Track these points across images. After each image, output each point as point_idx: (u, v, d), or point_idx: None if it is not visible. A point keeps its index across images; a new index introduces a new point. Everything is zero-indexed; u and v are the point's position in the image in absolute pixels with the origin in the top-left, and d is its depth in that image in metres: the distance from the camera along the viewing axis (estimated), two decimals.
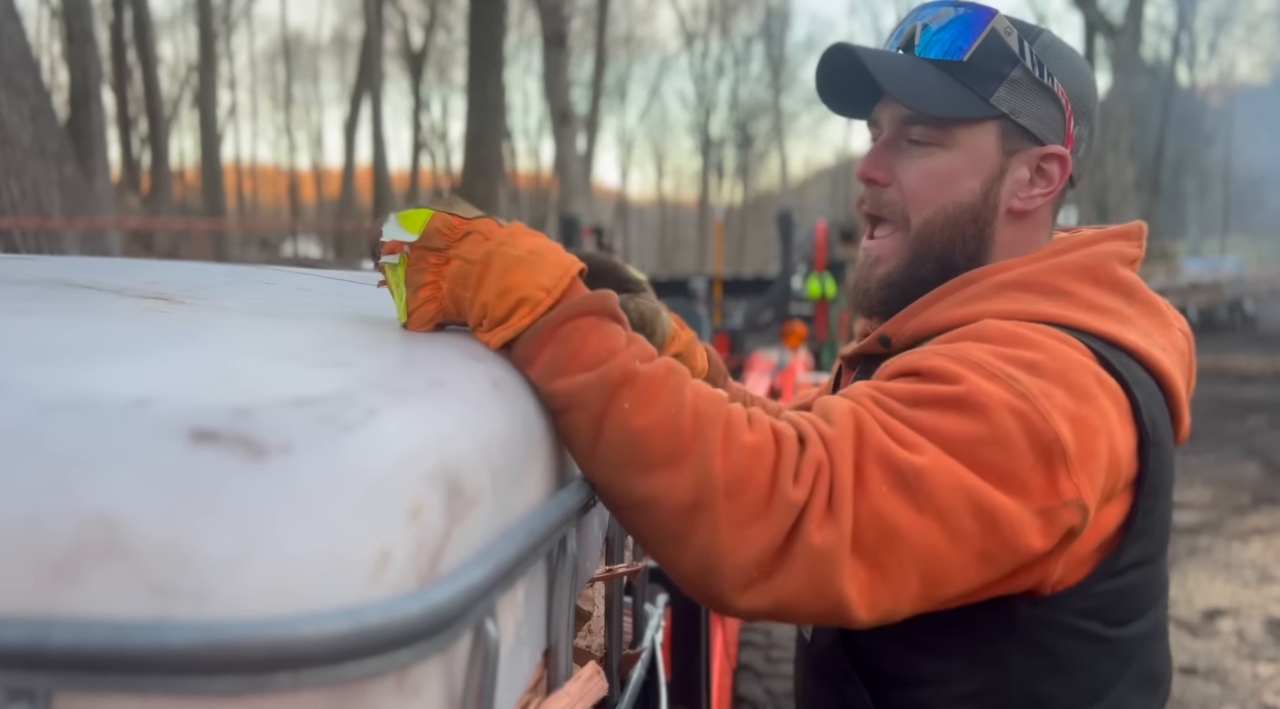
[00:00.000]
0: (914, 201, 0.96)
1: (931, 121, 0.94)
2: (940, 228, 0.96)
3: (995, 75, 0.92)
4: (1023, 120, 0.93)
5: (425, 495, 0.45)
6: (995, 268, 0.94)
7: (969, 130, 0.94)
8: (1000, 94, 0.93)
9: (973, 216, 0.95)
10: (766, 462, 0.70)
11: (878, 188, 0.98)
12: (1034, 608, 0.84)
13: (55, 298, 0.75)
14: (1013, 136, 0.94)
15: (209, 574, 0.37)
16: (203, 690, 0.37)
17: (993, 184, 0.95)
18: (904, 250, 0.97)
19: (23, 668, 0.35)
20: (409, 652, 0.41)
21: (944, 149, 0.94)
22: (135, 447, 0.39)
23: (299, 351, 0.59)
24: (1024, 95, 0.93)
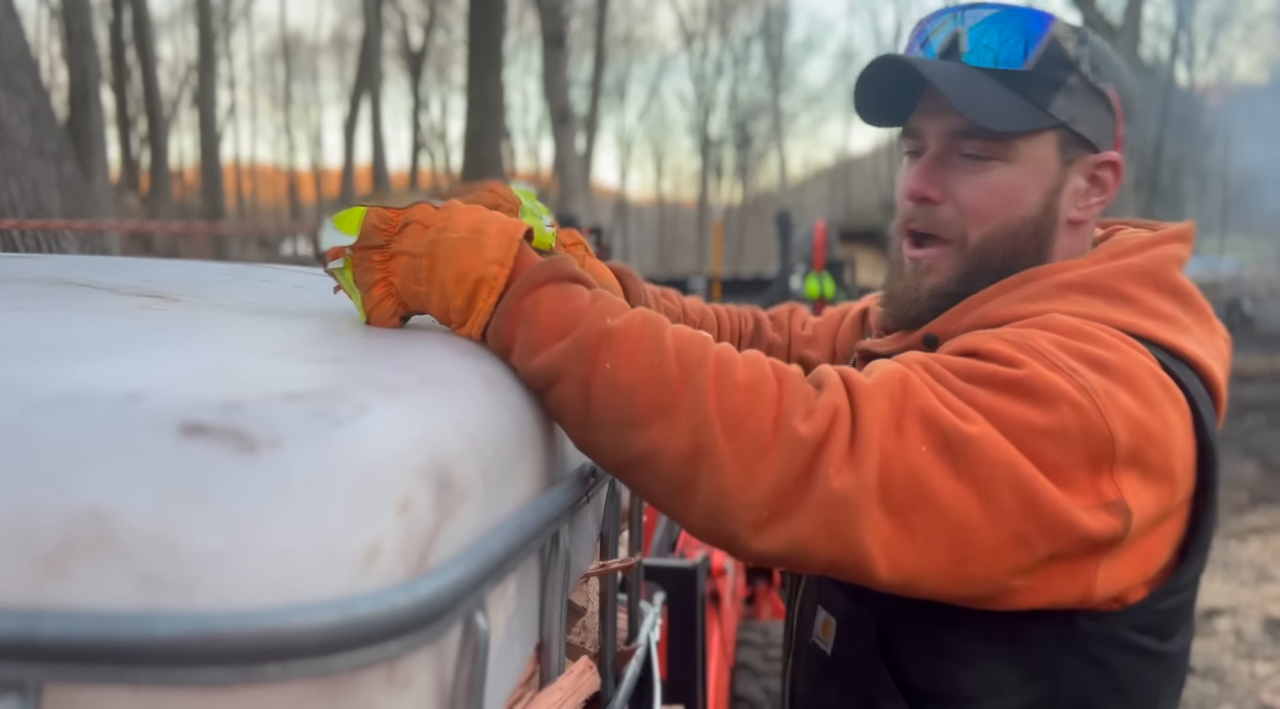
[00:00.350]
0: (973, 218, 0.92)
1: (990, 135, 0.90)
2: (1001, 242, 0.93)
3: (1054, 83, 0.89)
4: (1081, 128, 0.91)
5: (415, 489, 0.46)
6: (1056, 267, 0.91)
7: (1029, 142, 0.90)
8: (1059, 103, 0.89)
9: (1034, 230, 0.93)
10: (766, 397, 0.69)
11: (930, 206, 0.94)
12: (1094, 622, 0.82)
13: (51, 296, 0.75)
14: (1071, 146, 0.92)
15: (198, 566, 0.38)
16: (192, 682, 0.37)
17: (1053, 196, 0.92)
18: (960, 264, 0.94)
19: (13, 659, 0.36)
20: (398, 643, 0.41)
21: (1004, 163, 0.91)
22: (126, 440, 0.39)
23: (291, 348, 0.59)
24: (1081, 103, 0.90)
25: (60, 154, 4.17)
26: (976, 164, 0.92)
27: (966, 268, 0.94)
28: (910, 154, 0.98)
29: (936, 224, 0.94)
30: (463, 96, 13.42)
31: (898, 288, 1.00)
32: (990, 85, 0.89)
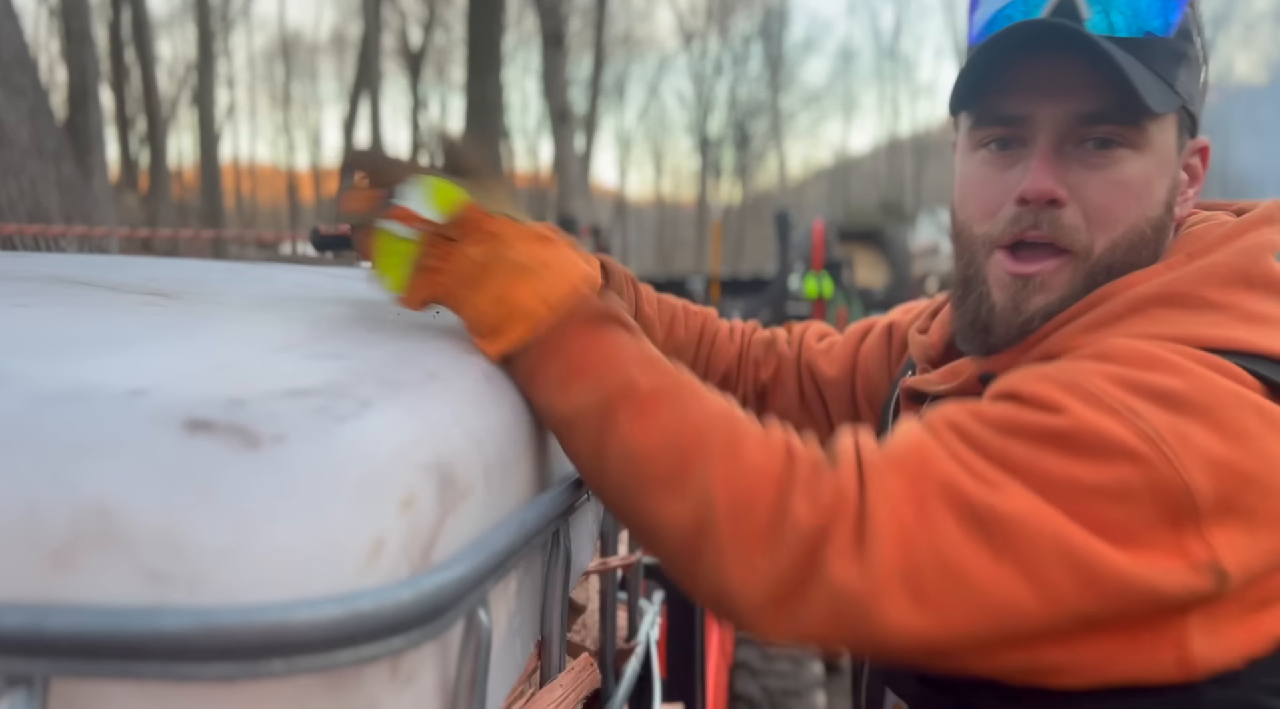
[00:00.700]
0: (1102, 222, 0.76)
1: (1127, 117, 0.74)
2: (1125, 251, 0.77)
3: (1180, 55, 0.75)
4: (1194, 108, 0.78)
5: (418, 486, 0.46)
6: (1127, 281, 0.76)
7: (1159, 126, 0.76)
8: (1182, 78, 0.75)
9: (1158, 233, 0.78)
10: (770, 481, 0.62)
11: (1055, 209, 0.77)
12: (1222, 689, 0.67)
13: (53, 293, 0.75)
14: (1184, 128, 0.78)
15: (203, 562, 0.38)
16: (197, 676, 0.37)
17: (1174, 190, 0.79)
18: (1078, 279, 0.78)
19: (20, 654, 0.36)
20: (402, 639, 0.41)
21: (1136, 152, 0.76)
22: (131, 436, 0.40)
23: (293, 344, 0.60)
24: (1194, 77, 0.77)
25: (59, 153, 4.17)
26: (1103, 155, 0.76)
27: (1085, 285, 0.78)
28: (998, 144, 0.80)
29: (1062, 231, 0.77)
30: (462, 96, 13.42)
31: (985, 312, 0.82)
32: (1123, 57, 0.73)
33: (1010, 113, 0.78)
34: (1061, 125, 0.76)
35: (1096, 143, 0.76)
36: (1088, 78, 0.74)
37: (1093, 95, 0.74)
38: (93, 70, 7.27)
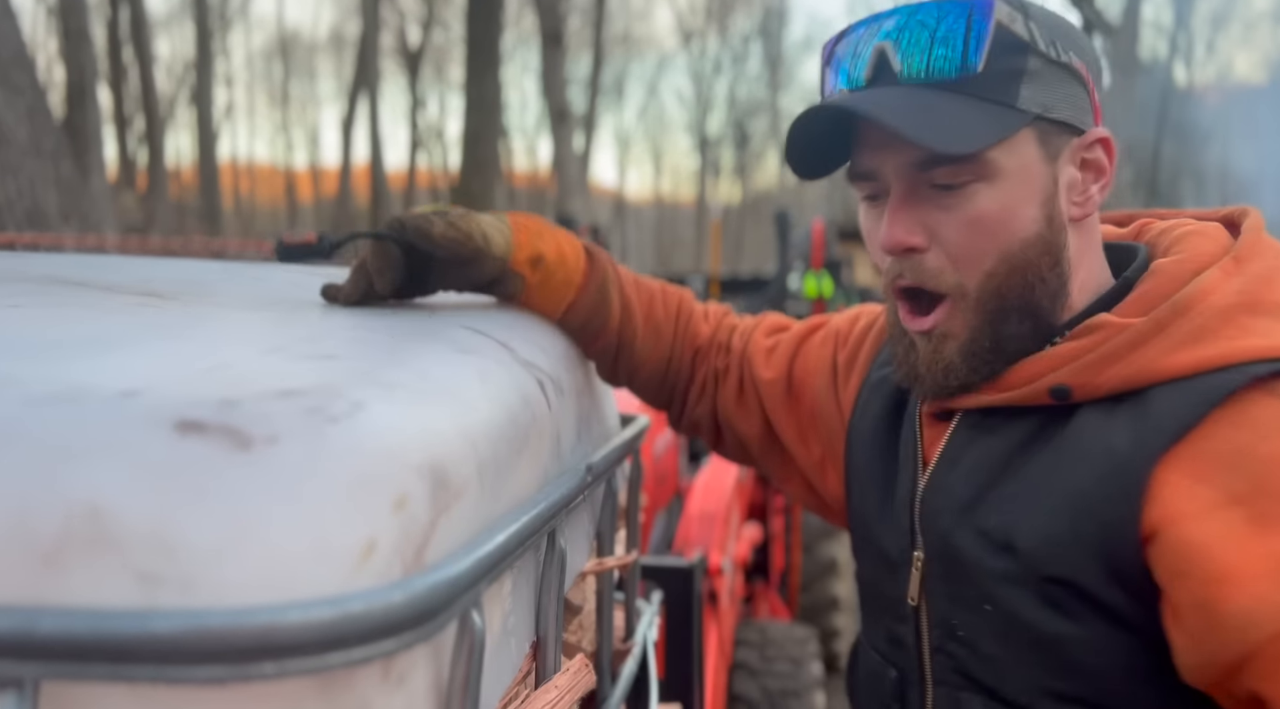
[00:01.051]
0: (966, 260, 0.78)
1: (961, 158, 0.75)
2: (1007, 276, 0.78)
3: (1015, 73, 0.76)
4: (1058, 114, 0.78)
5: (410, 486, 0.46)
6: (1201, 291, 0.74)
7: (1007, 151, 0.76)
8: (1026, 94, 0.76)
9: (1043, 248, 0.79)
10: None
11: (916, 256, 0.79)
12: None
13: (46, 294, 0.75)
14: (1051, 137, 0.78)
15: (195, 564, 0.38)
16: (188, 679, 0.37)
17: (1050, 201, 0.79)
18: (972, 316, 0.79)
19: (11, 656, 0.36)
20: (393, 641, 0.41)
21: (986, 183, 0.77)
22: (122, 437, 0.40)
23: (286, 344, 0.60)
24: (1048, 85, 0.77)
25: (57, 152, 4.17)
26: (953, 194, 0.77)
27: (981, 318, 0.80)
28: (868, 199, 0.84)
29: (926, 276, 0.80)
30: (461, 95, 13.41)
31: (916, 364, 0.84)
32: (941, 99, 0.76)
33: (862, 169, 0.82)
34: (905, 174, 0.79)
35: (941, 187, 0.77)
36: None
37: (918, 146, 0.75)
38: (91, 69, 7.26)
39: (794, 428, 1.04)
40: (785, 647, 3.03)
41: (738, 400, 1.08)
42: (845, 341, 1.05)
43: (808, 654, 3.07)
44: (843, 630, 4.28)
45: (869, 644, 0.95)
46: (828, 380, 1.03)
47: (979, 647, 0.79)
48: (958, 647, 0.81)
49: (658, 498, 3.14)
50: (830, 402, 1.02)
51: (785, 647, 3.03)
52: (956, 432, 0.84)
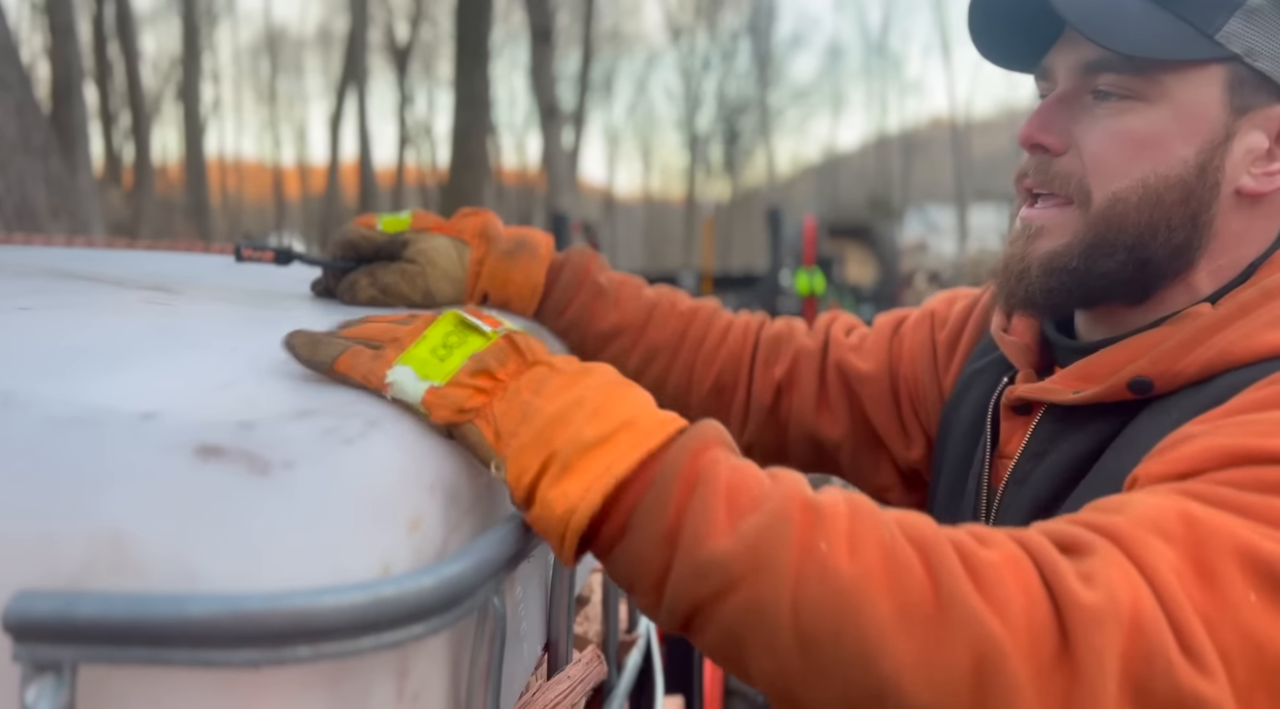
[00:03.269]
0: (1099, 172, 0.73)
1: (1130, 66, 0.71)
2: (1136, 207, 0.73)
3: (1231, 5, 0.70)
4: (1262, 64, 0.71)
5: (424, 507, 0.46)
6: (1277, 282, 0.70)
7: (1183, 78, 0.71)
8: (1232, 28, 0.70)
9: (1183, 195, 0.72)
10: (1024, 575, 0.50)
11: (1047, 156, 0.76)
12: None
13: (55, 291, 0.75)
14: (1246, 88, 0.71)
15: (215, 589, 0.38)
16: (224, 662, 0.38)
17: (1213, 153, 0.72)
18: (1081, 230, 0.75)
19: (50, 640, 0.36)
20: (422, 625, 0.42)
21: (1145, 103, 0.72)
22: (143, 463, 0.40)
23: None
24: (1266, 29, 0.70)
25: (46, 149, 4.15)
26: (1109, 105, 0.73)
27: (1091, 237, 0.74)
28: (1041, 99, 0.80)
29: (1052, 178, 0.76)
30: (449, 92, 13.39)
31: (1006, 257, 0.80)
32: (1138, 4, 0.71)
33: (1043, 67, 0.78)
34: (1073, 74, 0.75)
35: (1100, 94, 0.74)
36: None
37: (1092, 44, 0.71)
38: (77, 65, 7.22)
39: (895, 426, 0.98)
40: None
41: (818, 404, 0.99)
42: (944, 322, 1.00)
43: None
44: None
45: None
46: (929, 362, 0.98)
47: None
48: None
49: None
50: (932, 384, 0.97)
51: None
52: (1041, 425, 0.79)
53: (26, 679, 0.37)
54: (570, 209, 12.03)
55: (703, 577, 0.48)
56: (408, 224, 0.90)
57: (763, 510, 0.49)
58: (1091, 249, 0.74)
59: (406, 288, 0.87)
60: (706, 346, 1.00)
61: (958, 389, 0.93)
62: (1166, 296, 0.76)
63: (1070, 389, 0.76)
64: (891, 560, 0.48)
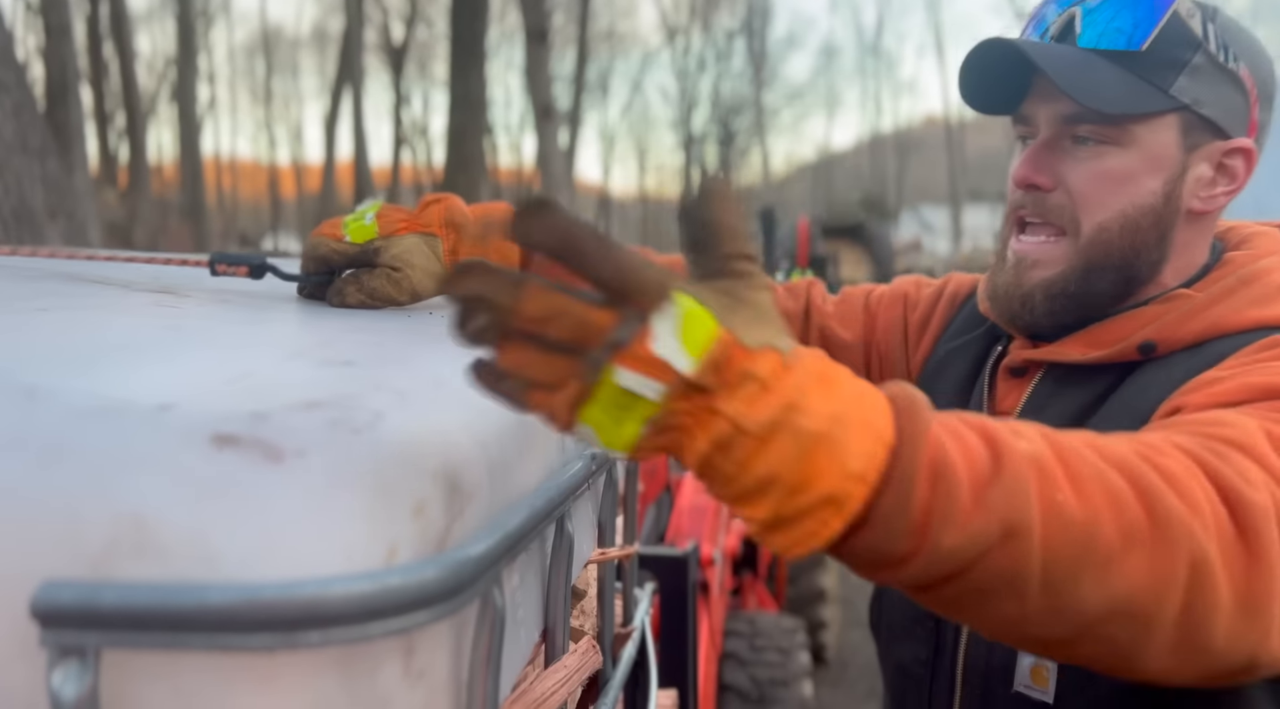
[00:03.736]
0: (1086, 206, 0.88)
1: (1102, 118, 0.86)
2: (1118, 235, 0.88)
3: (1176, 63, 0.85)
4: (1206, 111, 0.87)
5: (428, 493, 0.48)
6: (1265, 270, 0.86)
7: (1147, 126, 0.86)
8: (1181, 83, 0.85)
9: (1155, 220, 0.88)
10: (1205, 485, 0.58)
11: (1040, 193, 0.91)
12: None
13: (69, 294, 0.77)
14: (1195, 130, 0.87)
15: (231, 570, 0.41)
16: (240, 646, 0.40)
17: (1174, 184, 0.88)
18: (1073, 258, 0.89)
19: (74, 626, 0.39)
20: (426, 613, 0.44)
21: (1119, 148, 0.87)
22: (162, 452, 0.42)
23: (304, 349, 0.62)
24: (1207, 83, 0.86)
25: (43, 150, 4.16)
26: (1089, 149, 0.88)
27: (1081, 263, 0.89)
28: (1022, 140, 0.95)
29: (1047, 210, 0.90)
30: (445, 92, 13.39)
31: (1001, 284, 0.94)
32: (1105, 67, 0.85)
33: (1023, 114, 0.93)
34: (1055, 123, 0.90)
35: (1079, 139, 0.88)
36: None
37: (1071, 99, 0.85)
38: (72, 65, 7.22)
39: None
40: (774, 637, 3.08)
41: None
42: (915, 305, 1.12)
43: (796, 644, 3.12)
44: (829, 622, 4.34)
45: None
46: (899, 340, 1.10)
47: None
48: None
49: (648, 491, 3.18)
50: (901, 361, 1.09)
51: (774, 637, 3.08)
52: (1042, 384, 0.93)
53: (53, 662, 0.39)
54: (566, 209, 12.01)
55: (951, 557, 0.51)
56: (375, 231, 0.90)
57: (1001, 477, 0.51)
58: (1087, 273, 0.89)
59: (393, 290, 0.89)
60: None
61: (935, 364, 1.07)
62: (1140, 295, 0.92)
63: (1079, 352, 0.90)
64: (1108, 491, 0.54)
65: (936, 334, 1.08)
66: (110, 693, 0.40)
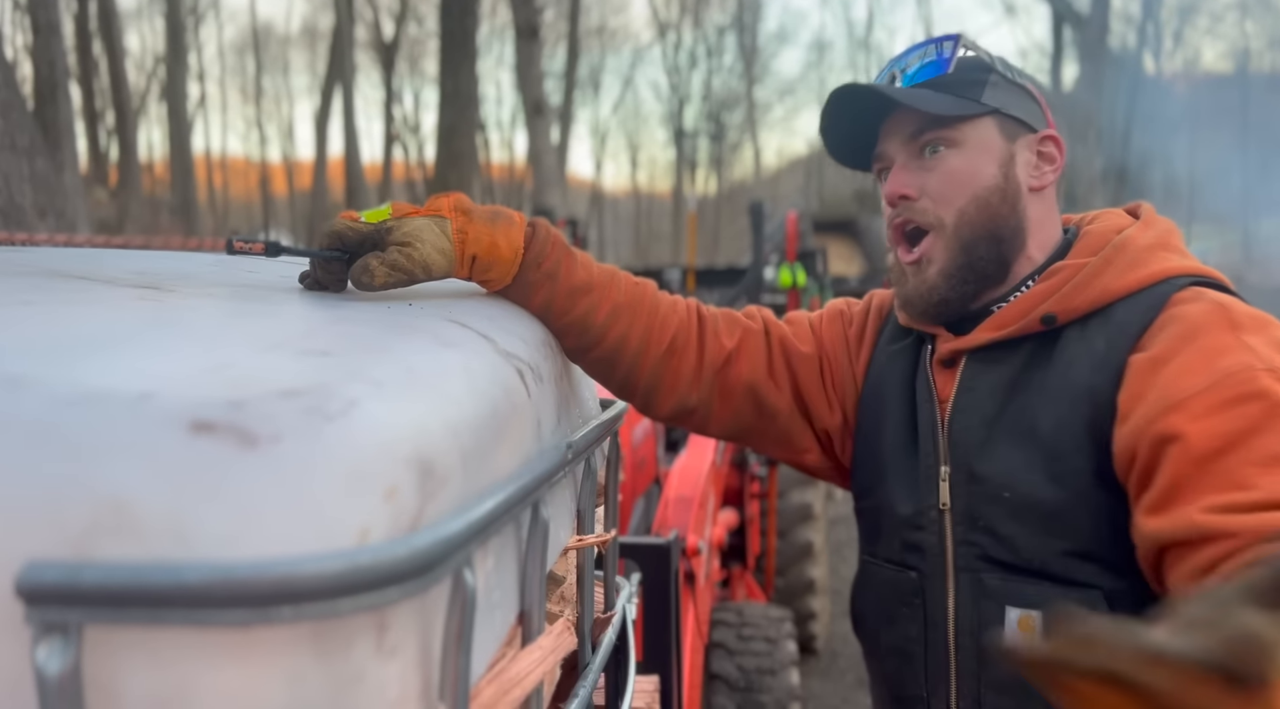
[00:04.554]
0: (944, 200, 1.09)
1: (939, 124, 1.08)
2: (975, 213, 1.08)
3: (977, 81, 1.09)
4: (1013, 112, 1.10)
5: (400, 478, 0.50)
6: (1129, 238, 1.05)
7: (972, 126, 1.09)
8: (987, 94, 1.09)
9: (1001, 195, 1.09)
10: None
11: (909, 202, 1.11)
12: None
13: (53, 289, 0.79)
14: (1009, 126, 1.10)
15: (207, 551, 0.43)
16: (215, 622, 0.42)
17: (1008, 166, 1.09)
18: (951, 243, 1.09)
19: (57, 604, 0.40)
20: (396, 590, 0.46)
21: (956, 148, 1.09)
22: (141, 437, 0.44)
23: (284, 340, 0.63)
24: (1006, 93, 1.10)
25: (32, 148, 4.16)
26: (935, 157, 1.09)
27: (958, 244, 1.09)
28: (882, 172, 1.15)
29: (917, 213, 1.10)
30: (436, 89, 13.37)
31: (910, 291, 1.13)
32: (927, 92, 1.09)
33: (878, 152, 1.15)
34: (903, 147, 1.12)
35: (929, 150, 1.10)
36: (908, 115, 1.10)
37: (911, 122, 1.10)
38: (61, 64, 7.19)
39: (822, 396, 1.24)
40: (762, 627, 3.11)
41: (769, 375, 1.22)
42: (850, 320, 1.29)
43: (783, 634, 3.14)
44: (819, 612, 4.36)
45: (879, 560, 1.17)
46: (844, 352, 1.26)
47: (997, 530, 1.02)
48: (979, 535, 1.04)
49: (637, 484, 3.20)
50: (848, 373, 1.25)
51: (762, 627, 3.11)
52: (967, 367, 1.10)
53: (37, 639, 0.41)
54: (558, 205, 12.03)
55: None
56: (388, 214, 0.96)
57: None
58: (963, 249, 1.09)
59: (408, 264, 0.93)
60: (661, 312, 1.17)
61: (877, 369, 1.23)
62: (1016, 272, 1.11)
63: (990, 334, 1.08)
64: None
65: (872, 343, 1.26)
66: (93, 668, 0.42)
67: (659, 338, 1.15)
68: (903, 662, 1.12)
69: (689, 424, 1.23)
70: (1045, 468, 0.99)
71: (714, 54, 35.16)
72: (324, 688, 0.46)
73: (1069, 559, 0.98)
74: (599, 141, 38.79)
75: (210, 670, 0.44)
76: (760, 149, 38.38)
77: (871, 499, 1.19)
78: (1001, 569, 1.02)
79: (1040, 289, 1.07)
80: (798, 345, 1.24)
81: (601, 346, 1.10)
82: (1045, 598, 0.99)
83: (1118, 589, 0.96)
